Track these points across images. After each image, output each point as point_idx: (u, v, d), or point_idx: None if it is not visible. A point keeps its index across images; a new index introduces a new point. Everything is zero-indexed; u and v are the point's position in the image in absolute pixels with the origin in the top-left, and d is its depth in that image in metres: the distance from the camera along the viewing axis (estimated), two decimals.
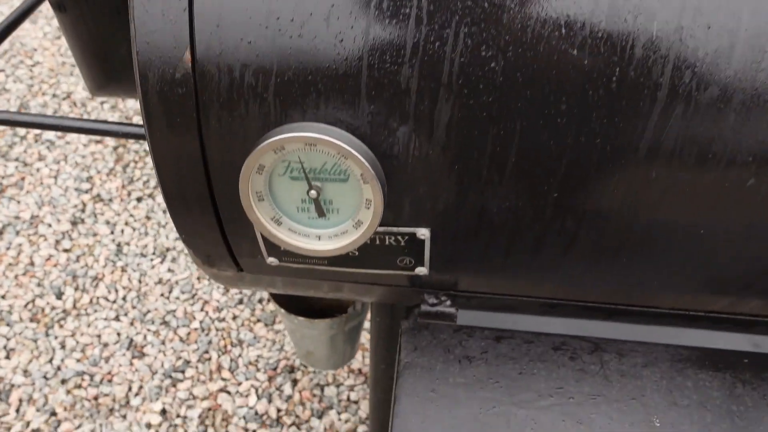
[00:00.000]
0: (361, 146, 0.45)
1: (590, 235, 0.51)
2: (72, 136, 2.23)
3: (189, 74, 0.45)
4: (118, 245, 1.96)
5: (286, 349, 1.73)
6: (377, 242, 0.53)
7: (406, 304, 0.74)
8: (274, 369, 1.70)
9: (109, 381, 1.68)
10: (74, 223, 2.00)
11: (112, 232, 1.99)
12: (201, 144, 0.48)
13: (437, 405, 0.55)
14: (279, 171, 0.47)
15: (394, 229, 0.52)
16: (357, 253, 0.55)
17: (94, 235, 1.98)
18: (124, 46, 0.77)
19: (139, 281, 1.88)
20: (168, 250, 1.95)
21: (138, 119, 2.28)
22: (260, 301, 1.84)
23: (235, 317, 1.80)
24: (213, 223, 0.55)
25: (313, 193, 0.47)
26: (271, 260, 0.57)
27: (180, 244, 1.96)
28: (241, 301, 1.83)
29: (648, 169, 0.46)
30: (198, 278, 1.89)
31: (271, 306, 1.82)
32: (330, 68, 0.44)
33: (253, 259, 0.59)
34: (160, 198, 2.07)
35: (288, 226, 0.49)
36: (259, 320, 1.80)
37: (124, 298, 1.84)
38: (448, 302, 0.63)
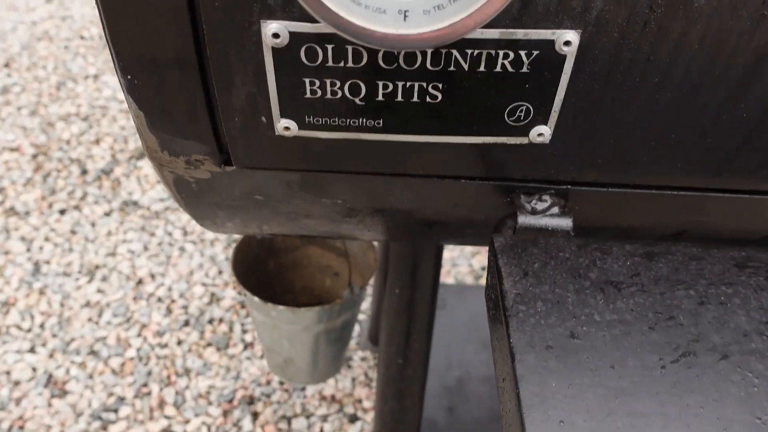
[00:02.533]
0: None
1: None
2: None
3: None
4: (36, 264, 1.64)
5: (243, 377, 1.45)
6: (480, 65, 0.30)
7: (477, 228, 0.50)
8: (230, 401, 1.41)
9: (21, 428, 1.34)
10: None
11: (28, 250, 1.67)
12: None
13: (587, 357, 0.32)
14: None
15: (520, 32, 0.29)
16: (439, 96, 0.32)
17: (6, 253, 1.65)
18: None
19: (61, 305, 1.56)
20: (97, 267, 1.64)
21: (60, 124, 1.98)
22: (210, 321, 1.55)
23: (180, 342, 1.51)
24: (192, 54, 0.31)
25: None
26: (285, 124, 0.33)
27: (113, 261, 1.65)
28: (186, 323, 1.54)
29: None
30: (134, 298, 1.58)
31: (224, 327, 1.53)
32: None
33: (251, 129, 0.34)
34: (87, 210, 1.77)
35: None
36: (209, 344, 1.51)
37: (41, 326, 1.51)
38: (556, 208, 0.40)
